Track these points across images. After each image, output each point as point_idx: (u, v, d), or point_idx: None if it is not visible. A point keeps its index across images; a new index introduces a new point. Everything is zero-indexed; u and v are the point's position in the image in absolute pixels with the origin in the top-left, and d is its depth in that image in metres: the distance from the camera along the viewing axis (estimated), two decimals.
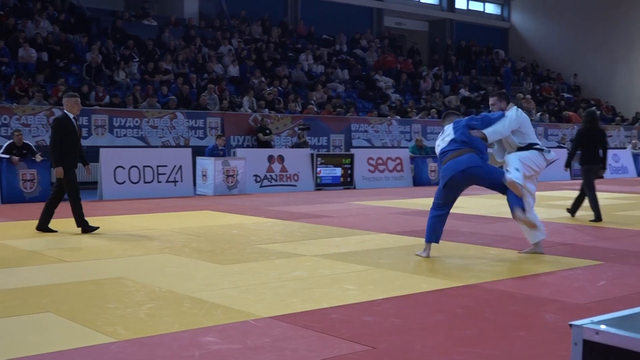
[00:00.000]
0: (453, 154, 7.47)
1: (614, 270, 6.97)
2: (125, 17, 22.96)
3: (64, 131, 9.29)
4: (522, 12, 36.20)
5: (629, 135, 29.16)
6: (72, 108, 9.45)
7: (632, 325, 2.21)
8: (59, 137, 9.29)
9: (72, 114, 9.43)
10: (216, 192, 15.66)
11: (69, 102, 9.47)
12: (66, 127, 9.32)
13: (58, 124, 9.36)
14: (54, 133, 9.38)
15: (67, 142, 9.33)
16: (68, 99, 9.55)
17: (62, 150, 9.27)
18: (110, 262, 7.25)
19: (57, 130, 9.32)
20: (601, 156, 11.41)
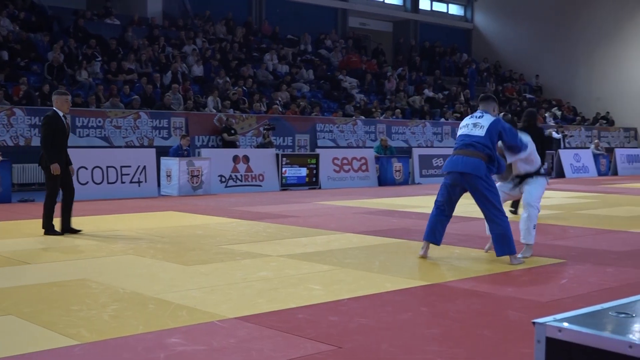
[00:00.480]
0: (466, 150, 7.17)
1: (576, 268, 7.08)
2: (88, 16, 22.71)
3: (53, 129, 9.14)
4: (485, 13, 36.56)
5: (589, 135, 29.61)
6: (61, 106, 9.29)
7: (593, 323, 2.25)
8: (50, 135, 9.12)
9: (61, 111, 9.27)
10: (181, 192, 15.56)
11: (58, 100, 9.31)
12: (56, 125, 9.17)
13: (48, 122, 9.19)
14: (44, 130, 9.21)
15: (56, 140, 9.17)
16: (58, 96, 9.38)
17: (54, 148, 9.11)
18: (74, 264, 7.16)
19: (47, 128, 9.16)
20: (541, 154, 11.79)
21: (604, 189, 18.47)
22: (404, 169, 20.19)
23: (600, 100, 32.33)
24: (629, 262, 7.47)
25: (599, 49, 32.37)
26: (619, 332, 2.15)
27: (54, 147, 9.14)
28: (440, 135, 24.41)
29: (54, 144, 9.15)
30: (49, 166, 9.11)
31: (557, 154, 24.92)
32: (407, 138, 23.36)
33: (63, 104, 9.32)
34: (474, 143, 7.16)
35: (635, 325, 2.25)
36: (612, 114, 32.01)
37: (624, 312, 2.37)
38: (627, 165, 27.24)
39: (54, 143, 9.16)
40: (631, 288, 6.00)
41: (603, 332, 2.14)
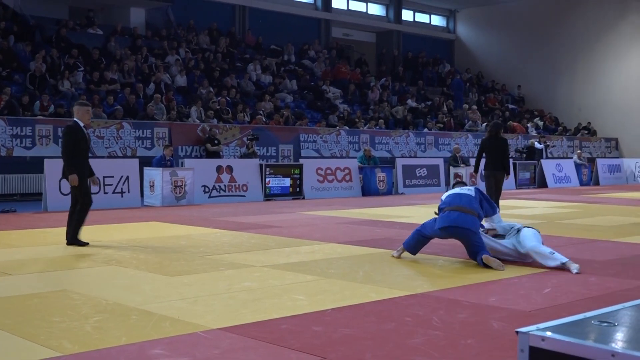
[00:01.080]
0: (464, 208, 7.84)
1: (559, 278, 7.11)
2: (70, 26, 22.63)
3: (75, 139, 9.07)
4: (467, 24, 36.79)
5: (571, 146, 29.82)
6: (82, 116, 9.23)
7: (576, 332, 2.26)
8: (71, 145, 9.05)
9: (82, 122, 9.21)
10: (164, 203, 15.50)
11: (80, 110, 9.23)
12: (77, 136, 9.10)
13: (69, 132, 9.12)
14: (65, 141, 9.15)
15: (78, 151, 9.10)
16: (79, 107, 9.31)
17: (74, 159, 9.05)
18: (56, 275, 7.11)
19: (68, 138, 9.09)
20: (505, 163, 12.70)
21: (586, 199, 18.60)
22: (388, 179, 20.23)
23: (582, 110, 32.59)
24: (611, 271, 7.52)
25: (580, 59, 32.66)
26: (601, 341, 2.17)
27: (75, 158, 9.07)
28: (424, 146, 24.49)
29: (75, 155, 9.08)
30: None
31: (540, 164, 25.08)
32: (391, 148, 23.42)
33: (84, 115, 9.26)
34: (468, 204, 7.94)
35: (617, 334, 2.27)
36: (594, 124, 32.27)
37: (606, 321, 2.39)
38: (608, 175, 27.46)
39: (75, 154, 9.08)
40: (613, 297, 6.04)
41: (586, 341, 2.15)
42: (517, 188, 23.48)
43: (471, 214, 7.80)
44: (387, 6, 34.41)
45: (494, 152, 12.73)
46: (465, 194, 8.05)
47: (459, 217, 7.76)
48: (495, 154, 12.67)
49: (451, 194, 8.23)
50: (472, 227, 7.74)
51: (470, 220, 7.75)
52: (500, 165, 12.69)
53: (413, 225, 11.71)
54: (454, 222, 7.75)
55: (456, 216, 7.77)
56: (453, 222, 7.76)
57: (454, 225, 7.75)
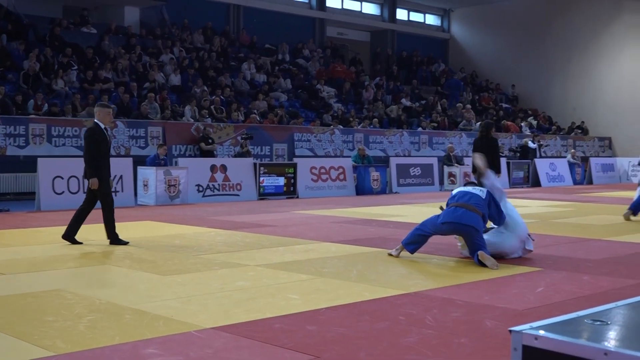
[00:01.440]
0: (470, 206, 7.91)
1: (552, 276, 7.13)
2: (64, 25, 22.56)
3: (97, 141, 9.07)
4: (461, 23, 36.83)
5: (565, 145, 29.89)
6: (104, 118, 9.23)
7: (569, 330, 2.26)
8: (93, 148, 9.05)
9: (103, 124, 9.21)
10: (158, 202, 15.48)
11: (101, 112, 9.24)
12: (98, 137, 9.10)
13: (91, 134, 9.11)
14: (87, 143, 9.14)
15: (100, 152, 9.10)
16: (101, 108, 9.32)
17: (96, 162, 9.05)
18: (49, 274, 7.10)
19: (90, 141, 9.09)
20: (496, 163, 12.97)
21: (579, 198, 18.64)
22: (382, 178, 20.24)
23: (576, 110, 32.67)
24: (604, 270, 7.54)
25: (574, 59, 32.73)
26: (594, 340, 2.17)
27: (96, 159, 9.07)
28: (418, 145, 24.51)
29: (98, 157, 9.08)
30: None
31: (533, 163, 25.13)
32: (385, 147, 23.43)
33: (105, 117, 9.26)
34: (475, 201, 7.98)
35: (610, 333, 2.27)
36: (587, 124, 32.34)
37: (599, 319, 2.39)
38: (601, 174, 27.54)
39: (98, 156, 9.08)
40: (606, 296, 6.05)
41: (579, 339, 2.16)
42: (510, 187, 23.51)
43: (476, 212, 7.83)
44: (382, 5, 34.42)
45: (484, 151, 12.86)
46: (475, 194, 8.07)
47: (463, 214, 7.81)
48: (486, 154, 12.80)
49: (461, 190, 8.30)
50: (475, 225, 7.76)
51: (474, 219, 7.77)
52: (491, 164, 12.80)
53: (407, 224, 11.73)
54: (458, 219, 7.81)
55: (461, 213, 7.83)
56: (456, 219, 7.81)
57: (456, 221, 7.80)
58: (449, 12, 36.91)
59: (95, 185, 9.06)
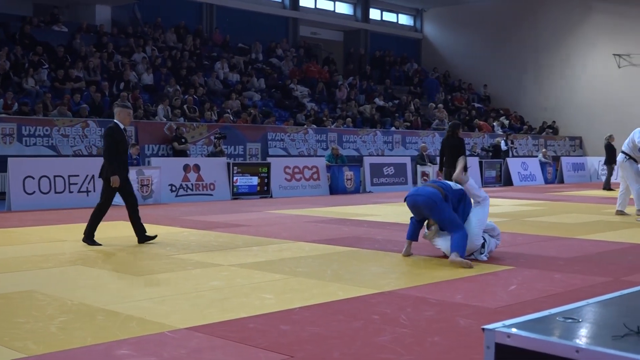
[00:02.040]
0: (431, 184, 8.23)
1: (524, 274, 7.19)
2: (34, 23, 22.32)
3: (116, 140, 9.02)
4: (434, 23, 37.01)
5: (536, 144, 30.16)
6: (124, 119, 9.18)
7: (541, 328, 2.28)
8: (113, 146, 9.00)
9: (123, 124, 9.15)
10: None
11: (122, 112, 9.18)
12: (118, 137, 9.05)
13: (111, 133, 9.05)
14: (108, 142, 9.07)
15: (118, 152, 9.05)
16: (121, 109, 9.24)
17: (116, 160, 9.01)
18: (19, 275, 7.01)
19: (111, 139, 9.02)
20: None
21: (550, 197, 18.82)
22: (355, 177, 20.28)
23: (547, 110, 33.00)
24: (576, 268, 7.62)
25: (545, 59, 33.05)
26: (566, 337, 2.19)
27: (116, 159, 9.02)
28: (391, 144, 24.59)
29: (116, 156, 9.03)
30: (109, 177, 9.02)
31: (505, 163, 25.32)
32: (358, 147, 23.48)
33: (125, 117, 9.21)
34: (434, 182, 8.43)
35: (581, 330, 2.30)
36: (558, 123, 32.69)
37: (570, 317, 2.41)
38: (572, 173, 27.83)
39: (117, 155, 9.03)
40: (578, 293, 6.12)
41: (551, 337, 2.18)
42: (483, 186, 23.67)
43: (435, 188, 7.93)
44: (355, 5, 34.48)
45: (451, 150, 13.43)
46: (447, 183, 8.25)
47: (421, 189, 8.15)
48: (452, 153, 13.28)
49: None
50: (432, 197, 7.78)
51: (430, 191, 7.87)
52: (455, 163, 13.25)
53: (381, 224, 11.77)
54: (414, 191, 8.19)
55: (419, 188, 8.22)
56: (413, 191, 8.20)
57: (414, 193, 8.09)
58: (422, 12, 37.07)
59: (116, 182, 9.01)
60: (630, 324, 2.25)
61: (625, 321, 2.29)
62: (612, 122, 29.23)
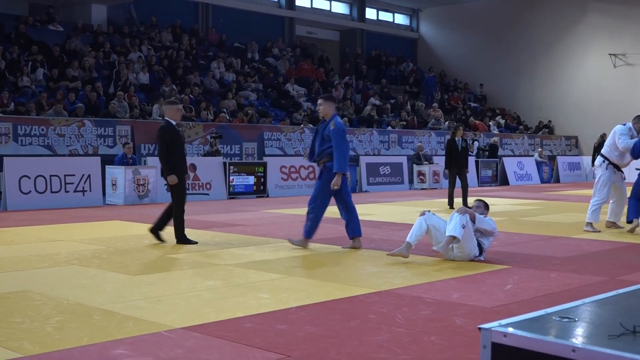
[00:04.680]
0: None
1: (520, 274, 7.20)
2: (30, 22, 22.28)
3: (170, 139, 9.02)
4: (430, 23, 37.02)
5: (532, 144, 30.20)
6: (174, 115, 9.17)
7: (537, 327, 2.29)
8: (166, 146, 9.00)
9: (174, 120, 9.14)
10: (127, 201, 15.36)
11: (171, 110, 9.17)
12: (172, 135, 9.06)
13: (164, 133, 9.05)
14: (161, 142, 9.08)
15: (174, 150, 9.04)
16: (170, 106, 9.26)
17: (171, 158, 9.00)
18: (15, 275, 7.00)
19: (164, 139, 9.03)
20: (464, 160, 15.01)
21: (546, 196, 18.85)
22: (352, 177, 20.28)
23: (543, 109, 33.04)
24: (572, 267, 7.63)
25: (540, 59, 33.09)
26: (562, 337, 2.20)
27: (171, 157, 9.01)
28: (387, 144, 24.59)
29: (173, 155, 9.03)
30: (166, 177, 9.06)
31: (502, 162, 25.34)
32: (354, 146, 23.48)
33: (176, 114, 9.20)
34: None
35: (577, 330, 2.30)
36: (554, 123, 32.73)
37: (566, 316, 2.42)
38: (568, 173, 27.88)
39: (172, 153, 9.03)
40: (574, 293, 6.13)
41: (547, 336, 2.18)
42: (479, 186, 23.71)
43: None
44: (351, 5, 34.47)
45: (450, 151, 15.07)
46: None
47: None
48: (452, 154, 15.01)
49: None
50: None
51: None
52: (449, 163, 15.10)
53: (377, 223, 11.78)
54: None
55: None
56: None
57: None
58: (418, 12, 37.09)
59: (174, 181, 9.03)
60: (626, 324, 2.26)
61: (621, 320, 2.30)
62: (608, 121, 29.19)
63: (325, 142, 8.68)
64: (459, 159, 14.92)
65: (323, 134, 8.70)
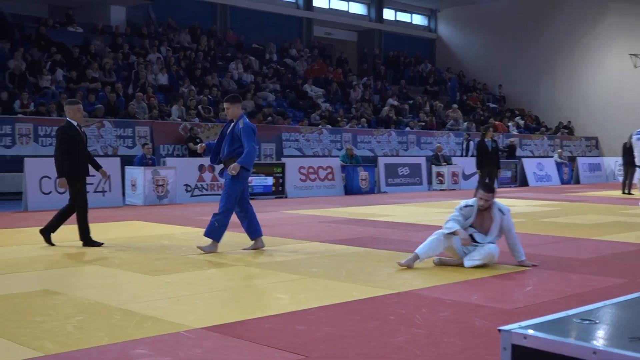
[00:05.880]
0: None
1: (540, 276, 7.15)
2: (50, 24, 22.46)
3: (69, 140, 8.93)
4: (448, 23, 36.93)
5: (552, 145, 30.03)
6: (75, 115, 9.07)
7: (558, 329, 2.28)
8: (64, 147, 8.91)
9: (75, 121, 9.07)
10: (146, 202, 15.43)
11: (71, 110, 9.08)
12: (72, 136, 8.97)
13: (63, 133, 8.96)
14: (59, 143, 8.98)
15: (74, 151, 8.96)
16: (70, 106, 9.16)
17: (69, 160, 8.90)
18: (36, 275, 7.06)
19: (62, 140, 8.94)
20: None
21: (566, 197, 18.72)
22: (370, 177, 20.26)
23: (562, 110, 32.83)
24: (592, 269, 7.58)
25: (560, 59, 32.89)
26: (583, 339, 2.18)
27: (71, 159, 8.92)
28: (406, 144, 24.56)
29: (72, 156, 8.93)
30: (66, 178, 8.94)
31: (521, 163, 25.21)
32: (373, 147, 23.47)
33: (76, 114, 9.11)
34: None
35: (598, 332, 2.29)
36: (574, 123, 32.52)
37: (587, 318, 2.41)
38: (588, 174, 27.66)
39: (72, 154, 8.93)
40: (594, 295, 6.08)
41: (567, 338, 2.17)
42: (498, 187, 23.58)
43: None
44: (369, 5, 34.46)
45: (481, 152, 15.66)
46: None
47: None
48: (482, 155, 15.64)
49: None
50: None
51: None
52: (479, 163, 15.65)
53: (396, 224, 11.75)
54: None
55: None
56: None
57: None
58: (436, 12, 37.00)
59: (63, 185, 8.93)
60: None
61: None
62: (629, 122, 29.02)
63: (235, 142, 8.57)
64: (490, 159, 15.47)
65: (233, 133, 8.58)
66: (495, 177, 15.60)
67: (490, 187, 7.72)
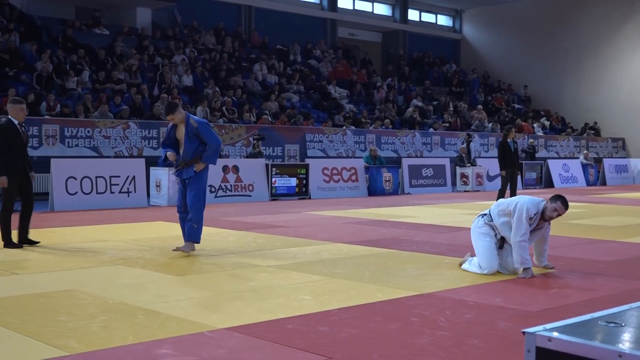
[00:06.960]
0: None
1: (565, 278, 7.09)
2: (76, 26, 22.68)
3: (10, 138, 8.90)
4: (473, 24, 36.75)
5: (577, 146, 29.77)
6: (17, 114, 9.04)
7: (583, 332, 2.26)
8: (5, 145, 8.88)
9: (16, 120, 9.04)
10: (170, 202, 15.49)
11: (13, 109, 9.05)
12: (12, 135, 8.93)
13: (4, 131, 8.91)
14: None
15: (11, 149, 8.93)
16: (13, 105, 9.11)
17: (6, 158, 8.87)
18: (62, 275, 7.13)
19: (2, 138, 8.87)
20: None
21: (592, 199, 18.55)
22: (394, 179, 20.22)
23: (588, 110, 32.54)
24: (618, 271, 7.50)
25: (586, 59, 32.59)
26: (608, 342, 2.16)
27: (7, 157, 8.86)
28: (430, 145, 24.47)
29: (8, 154, 8.86)
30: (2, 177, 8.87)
31: (546, 164, 25.02)
32: (397, 148, 23.41)
33: (18, 113, 9.04)
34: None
35: (624, 335, 2.26)
36: (600, 124, 32.21)
37: (613, 321, 2.38)
38: (615, 176, 27.39)
39: (8, 152, 8.87)
40: (620, 297, 6.02)
41: (592, 341, 2.15)
42: (523, 188, 23.43)
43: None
44: (393, 6, 34.40)
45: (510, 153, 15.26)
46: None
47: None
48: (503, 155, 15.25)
49: None
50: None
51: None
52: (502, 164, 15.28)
53: (419, 225, 11.71)
54: None
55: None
56: None
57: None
58: (461, 13, 36.83)
59: (2, 183, 8.85)
60: None
61: None
62: None
63: (194, 142, 8.54)
64: (513, 160, 15.21)
65: (189, 135, 8.52)
66: (516, 178, 15.43)
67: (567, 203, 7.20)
